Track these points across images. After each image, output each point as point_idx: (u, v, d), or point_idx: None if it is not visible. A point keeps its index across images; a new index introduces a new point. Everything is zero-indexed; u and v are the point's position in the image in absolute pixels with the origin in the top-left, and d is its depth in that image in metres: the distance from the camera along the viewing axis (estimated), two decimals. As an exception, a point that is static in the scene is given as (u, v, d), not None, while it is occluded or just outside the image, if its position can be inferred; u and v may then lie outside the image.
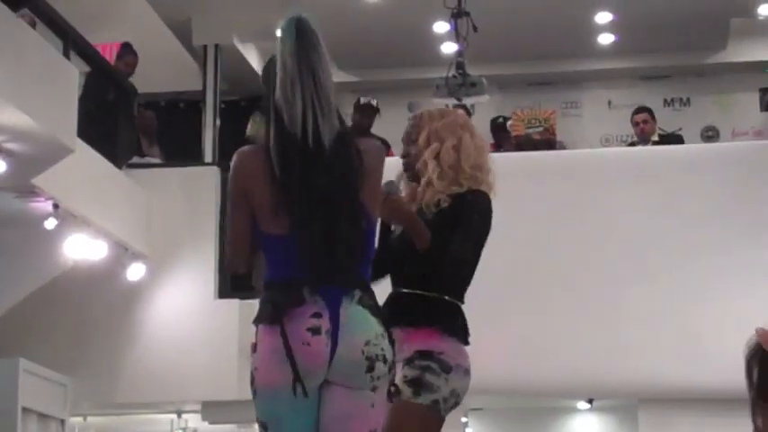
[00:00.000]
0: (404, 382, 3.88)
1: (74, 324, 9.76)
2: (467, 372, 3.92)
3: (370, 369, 3.26)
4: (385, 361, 3.28)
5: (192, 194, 10.11)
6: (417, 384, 3.87)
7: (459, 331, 3.97)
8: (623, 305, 9.02)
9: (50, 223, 8.65)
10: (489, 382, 8.82)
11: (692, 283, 9.00)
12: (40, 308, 9.45)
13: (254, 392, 3.29)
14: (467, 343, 3.98)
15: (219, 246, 9.67)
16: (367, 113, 10.43)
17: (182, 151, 11.09)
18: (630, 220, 9.23)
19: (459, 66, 9.22)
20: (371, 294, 3.34)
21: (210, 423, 10.03)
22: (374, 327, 3.28)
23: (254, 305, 3.34)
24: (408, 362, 3.91)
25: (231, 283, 9.69)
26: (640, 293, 9.04)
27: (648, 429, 9.01)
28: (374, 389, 3.28)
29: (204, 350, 9.49)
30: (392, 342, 3.33)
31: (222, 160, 10.20)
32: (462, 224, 3.98)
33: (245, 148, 3.40)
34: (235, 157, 3.37)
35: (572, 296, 9.10)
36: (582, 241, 9.24)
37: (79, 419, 10.39)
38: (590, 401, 9.96)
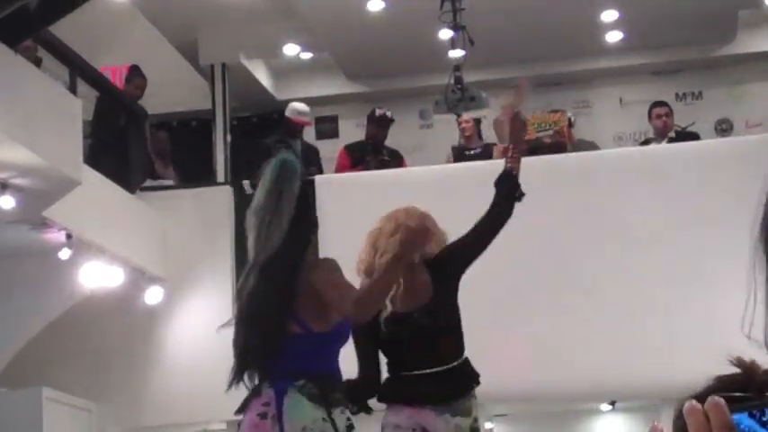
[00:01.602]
0: None
1: (95, 350, 9.81)
2: (396, 426, 4.89)
3: None
4: None
5: (206, 215, 10.11)
6: None
7: (397, 396, 4.97)
8: (643, 306, 8.97)
9: (64, 254, 8.71)
10: (512, 388, 8.80)
11: (713, 280, 8.93)
12: (61, 336, 9.50)
13: None
14: (411, 401, 4.94)
15: (236, 264, 9.67)
16: (382, 125, 10.40)
17: (198, 170, 11.10)
18: (647, 220, 9.18)
19: (458, 80, 9.14)
20: (318, 383, 4.11)
21: (237, 441, 10.04)
22: (311, 413, 4.06)
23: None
24: None
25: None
26: (660, 293, 8.99)
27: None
28: None
29: (226, 369, 9.47)
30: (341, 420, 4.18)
31: (235, 179, 10.20)
32: None
33: None
34: None
35: (591, 299, 9.06)
36: (600, 243, 9.19)
37: (106, 443, 10.42)
38: (613, 403, 9.91)
